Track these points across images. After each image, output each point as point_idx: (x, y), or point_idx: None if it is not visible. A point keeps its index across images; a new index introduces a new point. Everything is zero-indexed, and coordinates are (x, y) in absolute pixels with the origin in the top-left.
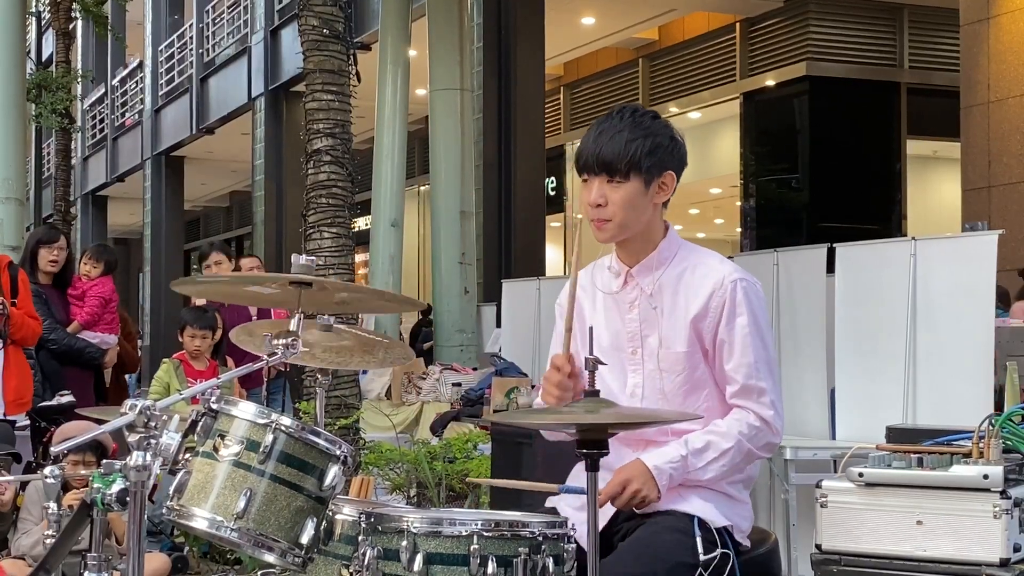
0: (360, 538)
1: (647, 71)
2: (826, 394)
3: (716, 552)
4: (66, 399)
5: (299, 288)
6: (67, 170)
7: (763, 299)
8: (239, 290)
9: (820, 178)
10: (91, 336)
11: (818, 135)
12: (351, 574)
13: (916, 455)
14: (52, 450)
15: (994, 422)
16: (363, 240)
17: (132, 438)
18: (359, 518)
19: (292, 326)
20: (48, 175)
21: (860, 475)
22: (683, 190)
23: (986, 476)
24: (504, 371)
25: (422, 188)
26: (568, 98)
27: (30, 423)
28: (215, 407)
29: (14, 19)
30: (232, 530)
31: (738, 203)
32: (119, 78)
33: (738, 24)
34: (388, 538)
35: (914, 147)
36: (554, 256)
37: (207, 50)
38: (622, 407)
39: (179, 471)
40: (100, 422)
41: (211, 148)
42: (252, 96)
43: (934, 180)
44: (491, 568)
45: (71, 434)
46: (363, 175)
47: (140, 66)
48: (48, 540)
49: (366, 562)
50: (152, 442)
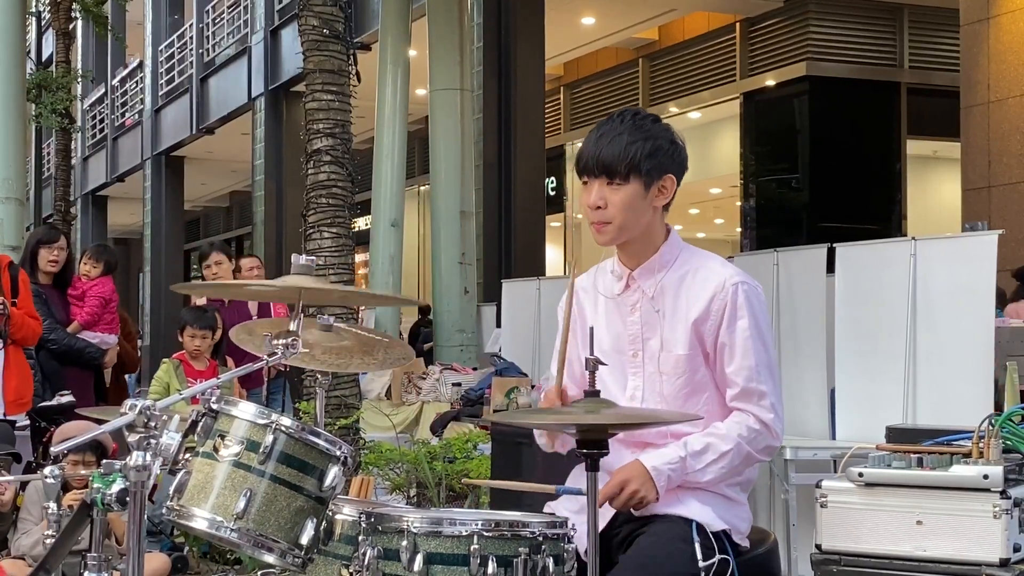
0: (360, 538)
1: (647, 71)
2: (826, 394)
3: (715, 559)
4: (66, 399)
5: (299, 288)
6: (67, 170)
7: (764, 302)
8: (242, 289)
9: (820, 178)
10: (91, 336)
11: (818, 135)
12: (351, 574)
13: (916, 455)
14: (52, 450)
15: (994, 422)
16: (363, 240)
17: (132, 438)
18: (359, 518)
19: (292, 326)
20: (48, 175)
21: (860, 475)
22: (683, 190)
23: (986, 476)
24: (504, 371)
25: (422, 188)
26: (568, 98)
27: (30, 423)
28: (215, 407)
29: (14, 19)
30: (232, 530)
31: (738, 203)
32: (119, 78)
33: (738, 24)
34: (388, 538)
35: (914, 147)
36: (554, 256)
37: (207, 50)
38: (622, 407)
39: (179, 471)
40: (100, 422)
41: (211, 148)
42: (252, 96)
43: (934, 180)
44: (491, 568)
45: (71, 434)
46: (363, 175)
47: (140, 66)
48: (48, 540)
49: (366, 562)
50: (152, 442)
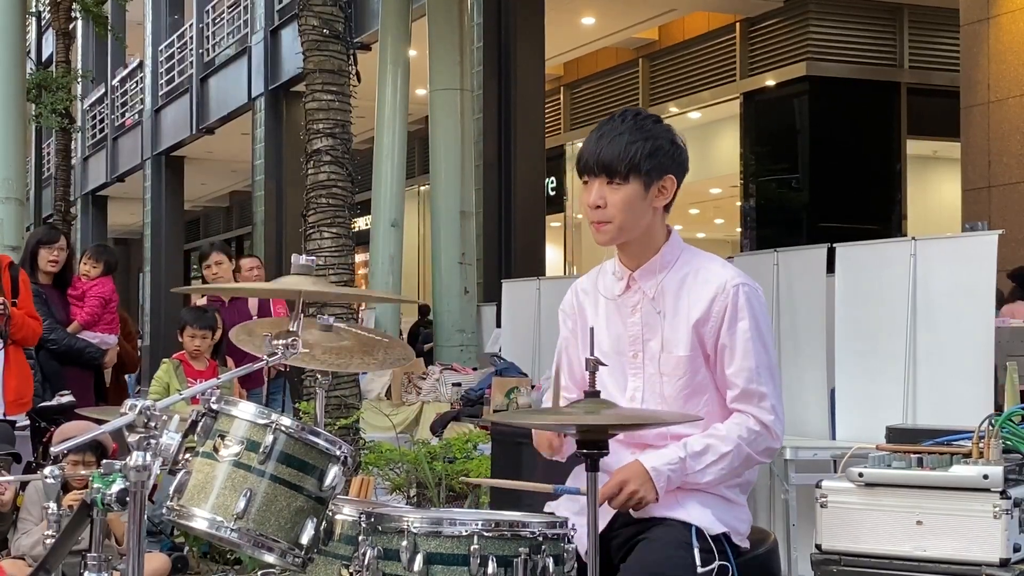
0: (360, 538)
1: (647, 71)
2: (826, 394)
3: (714, 564)
4: (66, 399)
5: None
6: (67, 170)
7: (764, 304)
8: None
9: (820, 178)
10: (91, 336)
11: (818, 135)
12: (351, 574)
13: (916, 455)
14: (52, 450)
15: (994, 422)
16: (363, 240)
17: (132, 438)
18: (359, 518)
19: (292, 326)
20: (48, 175)
21: (860, 475)
22: (683, 190)
23: (986, 476)
24: (504, 371)
25: (422, 188)
26: (568, 98)
27: (30, 423)
28: (215, 407)
29: (14, 19)
30: (232, 530)
31: (738, 203)
32: (119, 78)
33: (738, 24)
34: (388, 538)
35: (914, 147)
36: (554, 256)
37: (207, 50)
38: (622, 408)
39: (179, 471)
40: (100, 422)
41: (211, 148)
42: (252, 96)
43: (934, 180)
44: (491, 568)
45: (71, 434)
46: (363, 175)
47: (140, 66)
48: (48, 540)
49: (366, 562)
50: (152, 442)
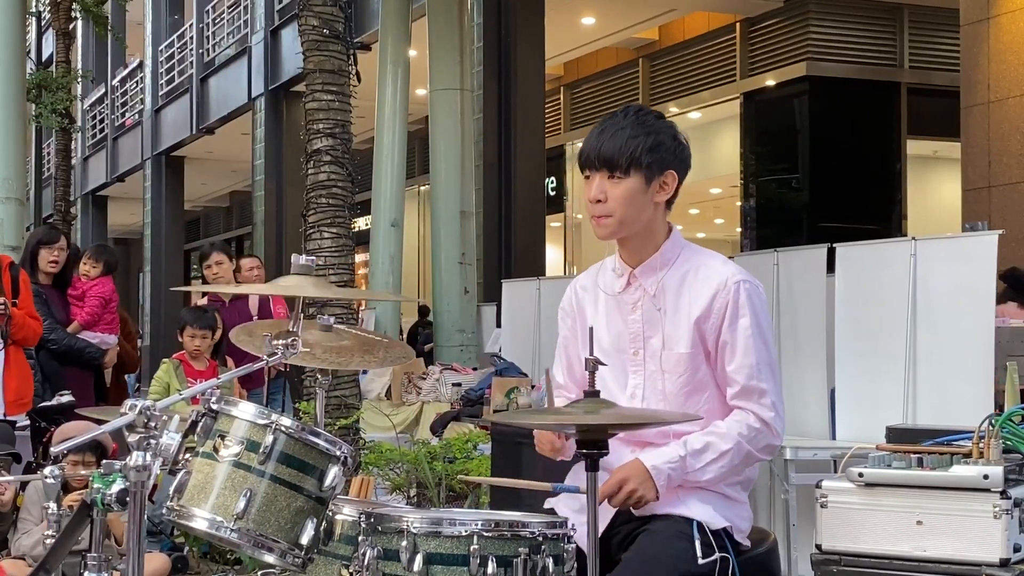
0: (360, 538)
1: (647, 71)
2: (826, 394)
3: (715, 556)
4: (66, 399)
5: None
6: (67, 170)
7: (765, 301)
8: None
9: (820, 178)
10: (91, 336)
11: (818, 135)
12: (351, 574)
13: (916, 455)
14: (52, 450)
15: (994, 422)
16: (363, 240)
17: (132, 438)
18: (359, 518)
19: (292, 326)
20: (48, 175)
21: (860, 475)
22: (683, 190)
23: (986, 476)
24: (504, 371)
25: (422, 188)
26: (568, 98)
27: (30, 423)
28: (215, 407)
29: (14, 19)
30: (232, 530)
31: (738, 203)
32: (119, 78)
33: (738, 24)
34: (388, 538)
35: (914, 147)
36: (554, 256)
37: (207, 50)
38: (622, 407)
39: (179, 471)
40: (100, 422)
41: (211, 148)
42: (252, 96)
43: (934, 180)
44: (491, 568)
45: (71, 434)
46: (363, 175)
47: (140, 66)
48: (48, 540)
49: (366, 562)
50: (152, 442)
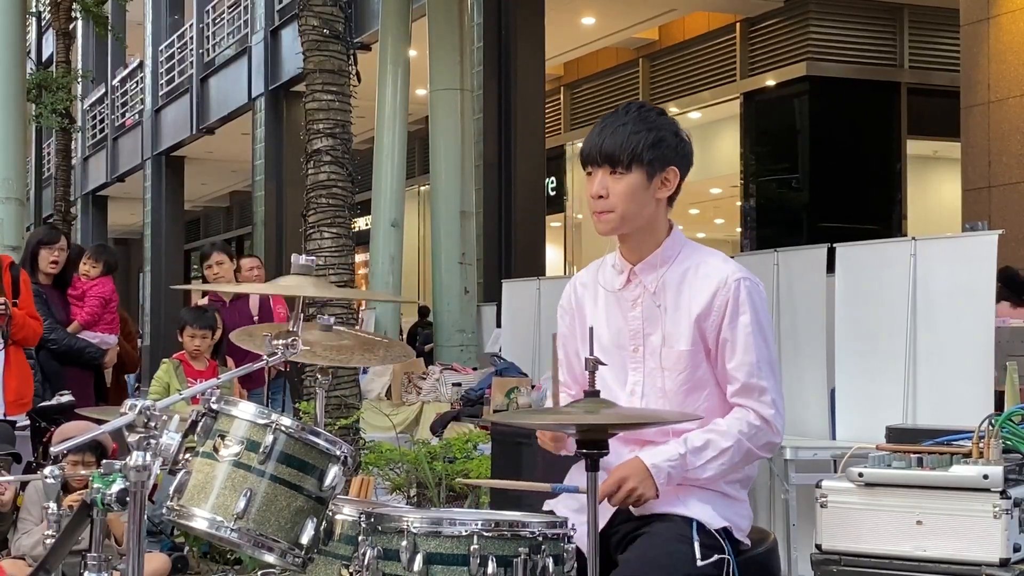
0: (360, 538)
1: (647, 71)
2: (826, 394)
3: (714, 557)
4: (66, 399)
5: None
6: (67, 170)
7: (765, 299)
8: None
9: (820, 178)
10: (91, 336)
11: (818, 135)
12: (351, 574)
13: (916, 455)
14: (52, 450)
15: (994, 422)
16: (363, 240)
17: (132, 438)
18: (359, 518)
19: (292, 326)
20: (48, 175)
21: (860, 475)
22: (683, 190)
23: (986, 476)
24: (504, 371)
25: (422, 188)
26: (568, 98)
27: (30, 423)
28: (215, 407)
29: (14, 19)
30: (232, 530)
31: (738, 203)
32: (119, 78)
33: (738, 24)
34: (388, 538)
35: (914, 147)
36: (554, 256)
37: (207, 50)
38: (622, 407)
39: (179, 471)
40: (100, 422)
41: (211, 148)
42: (252, 96)
43: (934, 180)
44: (491, 568)
45: (71, 434)
46: (363, 175)
47: (140, 66)
48: (48, 540)
49: (366, 562)
50: (152, 442)
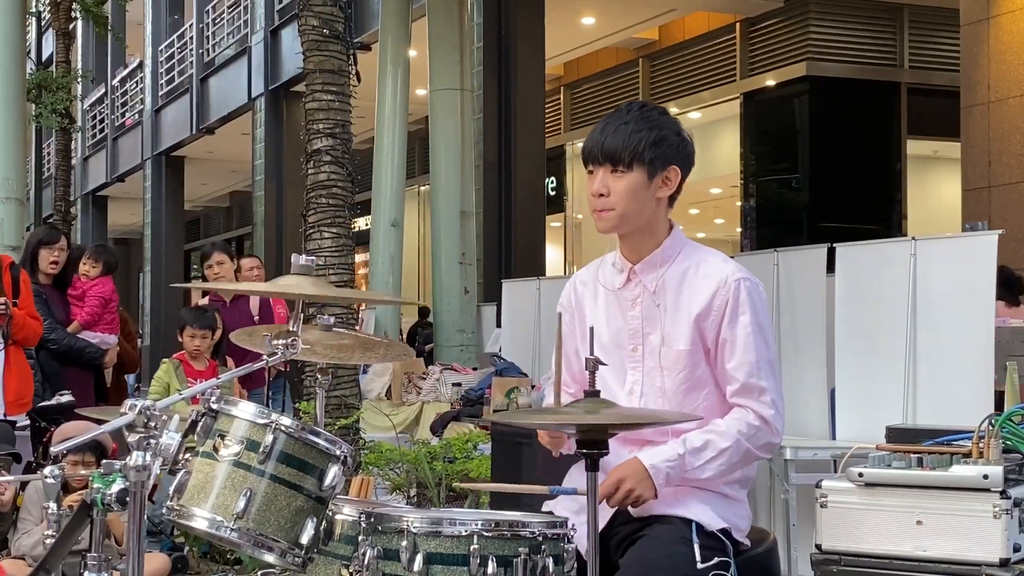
0: (360, 538)
1: (647, 71)
2: (826, 394)
3: (714, 559)
4: (66, 399)
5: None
6: (67, 170)
7: (765, 300)
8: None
9: (820, 178)
10: (91, 336)
11: (818, 135)
12: (351, 574)
13: (916, 455)
14: (52, 450)
15: (994, 422)
16: (363, 240)
17: (132, 438)
18: (359, 518)
19: (292, 326)
20: (48, 175)
21: (860, 475)
22: (683, 190)
23: (986, 476)
24: (504, 371)
25: (422, 188)
26: (568, 98)
27: (30, 423)
28: (215, 407)
29: (14, 19)
30: (232, 530)
31: (738, 203)
32: (119, 78)
33: (738, 24)
34: (388, 538)
35: (914, 147)
36: (554, 256)
37: (207, 50)
38: (622, 407)
39: (179, 471)
40: (100, 422)
41: (211, 148)
42: (252, 96)
43: (934, 180)
44: (491, 568)
45: (71, 434)
46: (363, 175)
47: (140, 66)
48: (48, 540)
49: (366, 562)
50: (152, 442)
